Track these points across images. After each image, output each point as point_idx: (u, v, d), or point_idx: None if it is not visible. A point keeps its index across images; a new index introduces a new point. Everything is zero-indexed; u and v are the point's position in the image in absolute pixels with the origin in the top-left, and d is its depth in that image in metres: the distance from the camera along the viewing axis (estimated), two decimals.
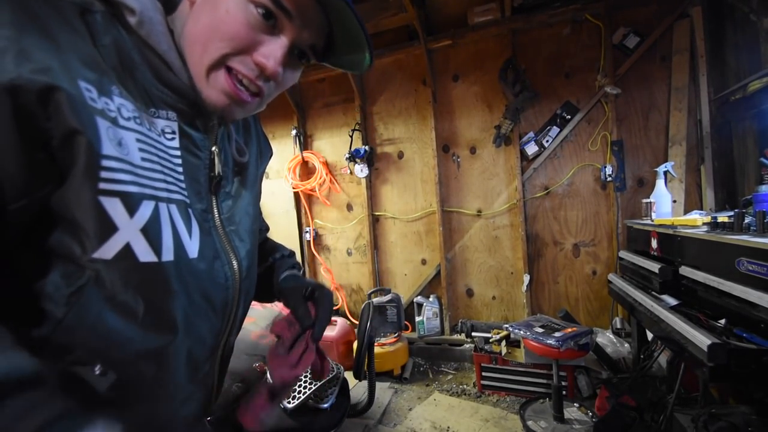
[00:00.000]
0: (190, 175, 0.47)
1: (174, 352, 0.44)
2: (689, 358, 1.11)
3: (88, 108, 0.35)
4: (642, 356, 2.00)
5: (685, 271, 1.37)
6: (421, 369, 2.83)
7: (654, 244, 1.66)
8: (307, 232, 3.44)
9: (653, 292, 1.54)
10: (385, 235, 3.25)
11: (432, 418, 2.19)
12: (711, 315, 1.21)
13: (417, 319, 2.97)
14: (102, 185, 0.36)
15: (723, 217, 1.36)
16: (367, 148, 3.11)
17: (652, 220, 1.86)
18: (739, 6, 2.09)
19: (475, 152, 2.93)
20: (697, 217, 1.51)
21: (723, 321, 1.15)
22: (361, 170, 3.14)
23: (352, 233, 3.34)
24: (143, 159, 0.40)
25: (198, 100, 0.46)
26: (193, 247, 0.45)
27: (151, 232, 0.40)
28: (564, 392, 2.15)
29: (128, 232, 0.38)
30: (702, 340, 1.03)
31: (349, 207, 3.34)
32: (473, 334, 2.74)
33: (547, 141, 2.69)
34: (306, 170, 3.42)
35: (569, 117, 2.63)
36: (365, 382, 2.14)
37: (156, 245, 0.40)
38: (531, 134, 2.72)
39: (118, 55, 0.40)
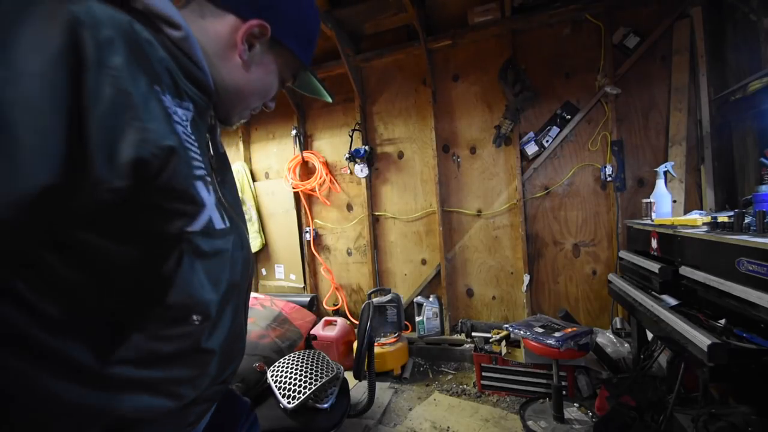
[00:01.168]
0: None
1: (238, 291, 0.61)
2: (689, 358, 1.11)
3: (167, 110, 0.47)
4: (642, 356, 2.00)
5: (685, 271, 1.37)
6: (421, 369, 2.83)
7: (654, 244, 1.66)
8: (307, 232, 3.44)
9: (653, 292, 1.54)
10: (385, 235, 3.25)
11: (432, 418, 2.19)
12: (711, 315, 1.22)
13: (417, 319, 2.98)
14: (194, 170, 0.49)
15: (723, 217, 1.36)
16: (367, 148, 3.11)
17: (652, 220, 1.86)
18: (739, 6, 2.09)
19: (475, 152, 2.93)
20: (697, 217, 1.51)
21: (723, 321, 1.15)
22: (361, 170, 3.14)
23: (352, 233, 3.34)
24: (189, 145, 0.52)
25: (211, 95, 0.58)
26: (219, 221, 0.57)
27: (219, 204, 0.55)
28: (564, 392, 2.15)
29: (210, 206, 0.51)
30: (702, 340, 1.03)
31: (349, 207, 3.34)
32: (473, 334, 2.75)
33: (547, 141, 2.69)
34: (306, 170, 3.42)
35: (569, 117, 2.63)
36: (365, 382, 2.14)
37: (221, 214, 0.55)
38: (531, 134, 2.73)
39: (171, 59, 0.50)
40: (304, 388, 1.57)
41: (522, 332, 2.02)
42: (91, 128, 0.38)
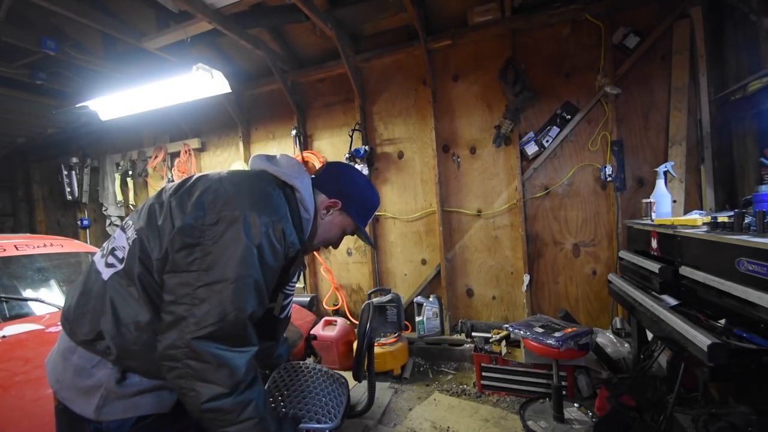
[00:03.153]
0: (294, 272, 1.01)
1: (266, 345, 1.08)
2: (689, 358, 1.11)
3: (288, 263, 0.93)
4: (642, 356, 2.00)
5: (685, 271, 1.36)
6: (421, 369, 2.83)
7: (654, 244, 1.66)
8: None
9: (653, 292, 1.54)
10: (385, 235, 3.25)
11: (432, 418, 2.19)
12: (711, 315, 1.21)
13: (417, 319, 2.97)
14: (284, 290, 1.00)
15: (723, 217, 1.36)
16: (367, 148, 3.11)
17: (652, 220, 1.85)
18: (739, 6, 2.09)
19: (475, 152, 2.93)
20: (697, 217, 1.51)
21: (723, 321, 1.15)
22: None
23: None
24: (292, 274, 0.98)
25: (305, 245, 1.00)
26: (288, 310, 1.08)
27: (283, 307, 1.02)
28: (564, 392, 2.15)
29: (278, 305, 0.99)
30: (702, 340, 1.03)
31: None
32: (473, 334, 2.75)
33: (547, 141, 2.69)
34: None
35: (569, 117, 2.63)
36: (365, 383, 2.13)
37: (281, 311, 1.03)
38: (531, 134, 2.73)
39: (300, 224, 0.95)
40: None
41: (522, 332, 2.02)
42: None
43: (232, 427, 0.74)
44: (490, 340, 2.43)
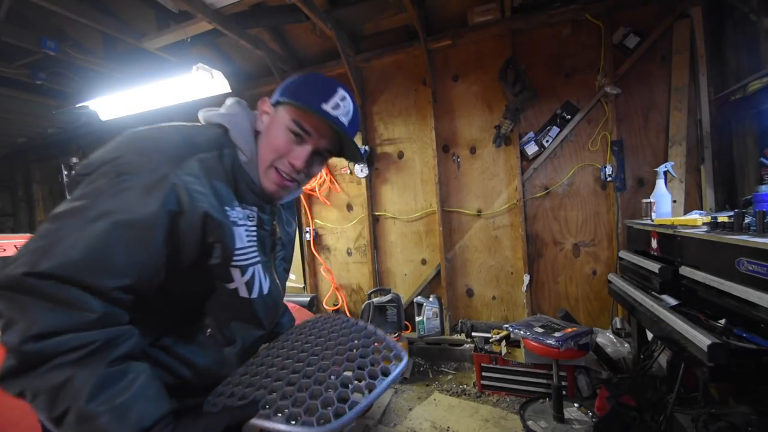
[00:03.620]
0: (262, 242, 0.81)
1: (256, 336, 0.83)
2: (689, 358, 1.11)
3: (229, 223, 0.69)
4: (642, 356, 2.00)
5: (685, 271, 1.36)
6: (421, 369, 2.83)
7: (654, 244, 1.66)
8: (307, 232, 3.44)
9: (653, 292, 1.54)
10: (385, 235, 3.25)
11: (432, 418, 2.19)
12: (711, 315, 1.21)
13: (417, 319, 2.97)
14: (233, 263, 0.71)
15: (723, 217, 1.36)
16: (367, 148, 3.11)
17: (652, 220, 1.85)
18: (739, 6, 2.09)
19: (475, 152, 2.93)
20: (697, 217, 1.51)
21: (723, 321, 1.15)
22: (361, 170, 3.14)
23: (352, 233, 3.34)
24: (248, 242, 0.75)
25: (266, 198, 0.80)
26: (266, 286, 0.80)
27: (249, 284, 0.75)
28: (564, 392, 2.15)
29: (238, 283, 0.74)
30: (702, 340, 1.03)
31: (349, 207, 3.34)
32: (473, 334, 2.75)
33: (547, 141, 2.69)
34: None
35: (569, 117, 2.63)
36: None
37: (250, 290, 0.76)
38: (531, 134, 2.73)
39: (234, 174, 0.73)
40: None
41: (522, 332, 2.02)
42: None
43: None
44: (490, 340, 2.43)
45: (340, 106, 0.74)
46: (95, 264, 0.54)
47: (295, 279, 3.53)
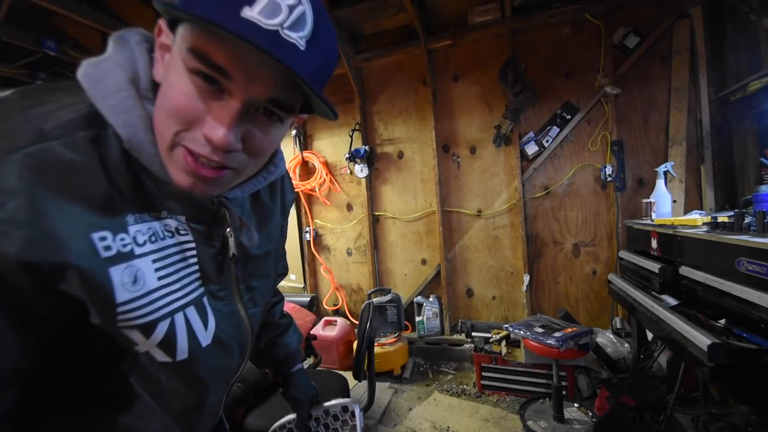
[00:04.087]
0: (205, 262, 0.52)
1: (195, 408, 0.57)
2: (689, 358, 1.11)
3: (101, 265, 0.40)
4: (642, 356, 2.00)
5: (685, 271, 1.37)
6: (421, 369, 2.83)
7: (654, 244, 1.66)
8: (307, 232, 3.44)
9: (653, 292, 1.54)
10: (385, 235, 3.25)
11: (432, 418, 2.19)
12: (711, 315, 1.21)
13: (417, 319, 2.97)
14: (120, 324, 0.43)
15: (723, 217, 1.36)
16: (367, 148, 3.11)
17: (652, 220, 1.86)
18: (739, 6, 2.09)
19: (475, 152, 2.93)
20: (697, 217, 1.51)
21: (723, 321, 1.15)
22: (361, 170, 3.14)
23: (352, 233, 3.34)
24: (159, 278, 0.46)
25: (199, 203, 0.49)
26: (207, 336, 0.53)
27: (166, 344, 0.47)
28: (564, 392, 2.15)
29: (146, 346, 0.46)
30: (702, 340, 1.03)
31: (349, 207, 3.34)
32: (473, 334, 2.74)
33: (547, 141, 2.69)
34: (306, 170, 3.42)
35: (569, 117, 2.63)
36: (365, 382, 2.14)
37: (171, 351, 0.48)
38: (531, 134, 2.73)
39: (128, 169, 0.43)
40: None
41: (522, 332, 2.02)
42: None
43: None
44: (490, 340, 2.43)
45: (281, 7, 0.38)
46: None
47: (295, 279, 3.53)
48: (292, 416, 0.88)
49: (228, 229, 0.54)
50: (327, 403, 0.89)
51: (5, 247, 0.34)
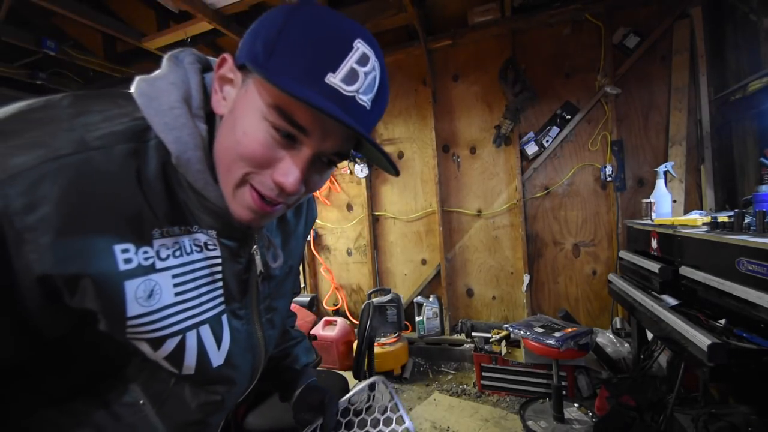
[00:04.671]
0: (230, 279, 0.54)
1: (195, 426, 0.56)
2: (689, 358, 1.11)
3: (117, 276, 0.41)
4: (642, 356, 2.00)
5: (685, 271, 1.36)
6: (421, 369, 2.83)
7: (654, 244, 1.66)
8: None
9: (653, 292, 1.54)
10: (385, 235, 3.25)
11: (432, 418, 2.19)
12: (711, 315, 1.21)
13: (417, 319, 2.97)
14: (129, 335, 0.44)
15: (723, 217, 1.36)
16: None
17: (652, 220, 1.86)
18: (739, 6, 2.09)
19: (475, 152, 2.93)
20: (697, 217, 1.51)
21: (723, 321, 1.15)
22: (361, 170, 3.14)
23: (352, 233, 3.34)
24: (177, 294, 0.47)
25: (233, 222, 0.50)
26: (219, 356, 0.53)
27: (173, 358, 0.48)
28: (564, 392, 2.14)
29: (155, 357, 0.47)
30: (702, 340, 1.03)
31: (349, 207, 3.34)
32: (473, 334, 2.75)
33: (547, 141, 2.69)
34: None
35: (569, 117, 2.63)
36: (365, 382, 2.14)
37: (178, 365, 0.49)
38: (531, 134, 2.72)
39: (165, 181, 0.45)
40: None
41: (522, 332, 2.02)
42: None
43: None
44: (490, 340, 2.43)
45: (359, 75, 0.42)
46: None
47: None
48: (317, 423, 0.78)
49: (255, 247, 0.55)
50: (350, 393, 0.82)
51: (28, 255, 0.36)
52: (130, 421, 0.49)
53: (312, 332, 2.95)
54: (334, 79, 0.41)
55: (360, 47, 0.43)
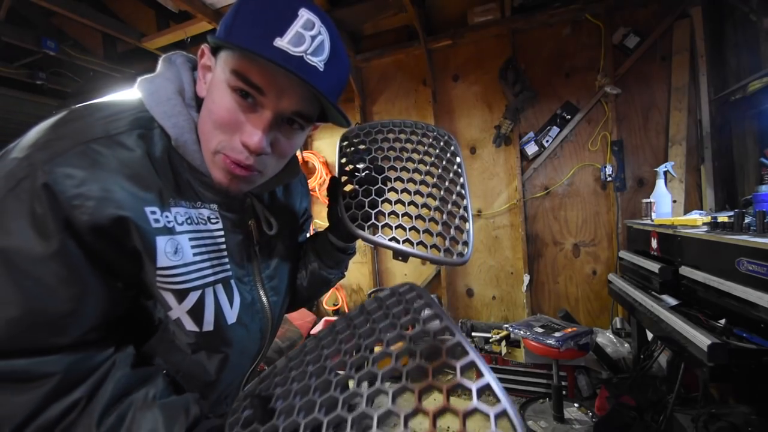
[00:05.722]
0: (233, 248, 0.60)
1: (212, 386, 0.61)
2: (689, 358, 1.11)
3: (151, 231, 0.48)
4: (642, 356, 2.00)
5: (685, 271, 1.37)
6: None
7: (654, 244, 1.66)
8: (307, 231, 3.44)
9: (653, 292, 1.54)
10: None
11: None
12: (711, 315, 1.21)
13: None
14: (158, 284, 0.51)
15: (723, 217, 1.36)
16: None
17: (652, 220, 1.86)
18: (739, 6, 2.09)
19: (475, 152, 2.93)
20: (697, 217, 1.51)
21: (723, 321, 1.15)
22: None
23: None
24: (195, 254, 0.54)
25: (222, 192, 0.57)
26: (232, 314, 0.59)
27: (195, 312, 0.55)
28: (564, 392, 2.15)
29: (178, 311, 0.53)
30: (702, 340, 1.03)
31: None
32: (473, 334, 2.74)
33: (547, 141, 2.69)
34: (306, 170, 3.42)
35: (569, 117, 2.63)
36: None
37: (198, 321, 0.55)
38: (531, 134, 2.72)
39: (170, 162, 0.53)
40: None
41: (522, 332, 2.02)
42: None
43: None
44: (490, 340, 2.43)
45: (305, 38, 0.47)
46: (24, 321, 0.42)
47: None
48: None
49: (251, 221, 0.64)
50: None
51: (80, 216, 0.43)
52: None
53: (312, 332, 2.95)
54: (282, 42, 0.46)
55: (305, 14, 0.48)
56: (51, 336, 0.43)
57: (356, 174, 0.69)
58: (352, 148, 0.73)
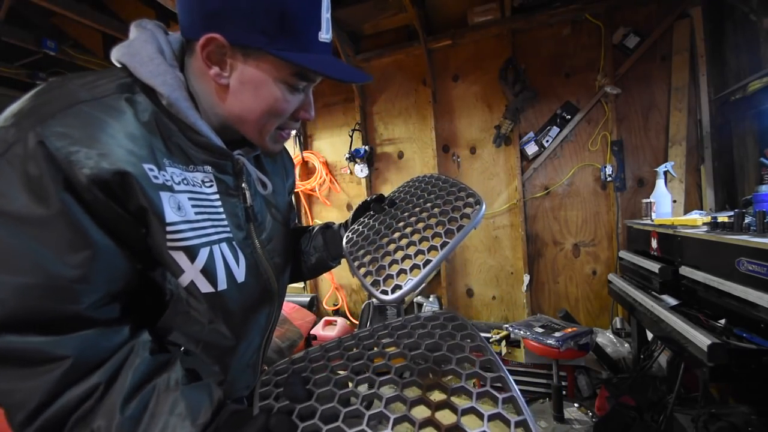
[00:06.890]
0: (229, 212, 0.60)
1: (232, 352, 0.62)
2: (689, 358, 1.11)
3: (153, 186, 0.48)
4: (642, 356, 2.00)
5: (685, 271, 1.37)
6: None
7: (654, 244, 1.66)
8: None
9: (653, 292, 1.54)
10: None
11: None
12: (711, 315, 1.21)
13: None
14: (169, 244, 0.50)
15: (723, 217, 1.36)
16: (367, 148, 3.11)
17: (652, 220, 1.86)
18: (739, 6, 2.08)
19: (475, 152, 2.93)
20: (697, 217, 1.51)
21: (723, 321, 1.15)
22: (361, 170, 3.14)
23: None
24: (196, 213, 0.54)
25: (225, 152, 0.58)
26: (240, 273, 0.60)
27: (208, 271, 0.54)
28: (564, 392, 2.14)
29: (191, 273, 0.53)
30: (702, 340, 1.03)
31: (349, 207, 3.34)
32: None
33: (547, 141, 2.69)
34: (306, 170, 3.42)
35: (569, 117, 2.63)
36: None
37: (212, 280, 0.55)
38: (531, 134, 2.72)
39: (158, 126, 0.52)
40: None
41: (522, 332, 2.02)
42: None
43: None
44: (490, 340, 2.43)
45: (330, 22, 0.55)
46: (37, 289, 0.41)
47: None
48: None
49: (244, 184, 0.64)
50: None
51: (79, 173, 0.42)
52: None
53: (312, 332, 2.95)
54: (322, 34, 0.54)
55: None
56: (63, 303, 0.42)
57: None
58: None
